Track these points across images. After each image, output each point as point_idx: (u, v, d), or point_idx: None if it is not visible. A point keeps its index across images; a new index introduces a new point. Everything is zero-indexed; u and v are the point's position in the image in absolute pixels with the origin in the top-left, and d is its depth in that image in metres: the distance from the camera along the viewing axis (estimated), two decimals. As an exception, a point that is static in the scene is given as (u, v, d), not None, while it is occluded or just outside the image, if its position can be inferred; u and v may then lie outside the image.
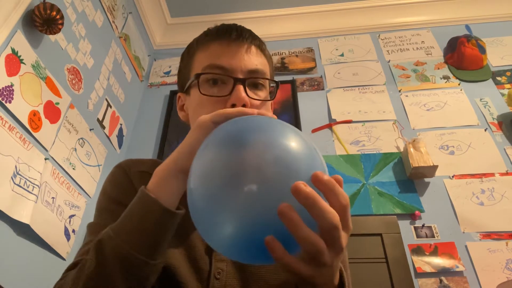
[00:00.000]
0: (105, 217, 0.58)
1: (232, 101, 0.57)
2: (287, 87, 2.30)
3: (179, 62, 0.71)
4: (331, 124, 2.09)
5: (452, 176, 1.82)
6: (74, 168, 1.60)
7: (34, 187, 1.32)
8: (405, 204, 1.74)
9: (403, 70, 2.30)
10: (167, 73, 2.54)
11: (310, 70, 2.39)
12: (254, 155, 0.37)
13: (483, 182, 1.78)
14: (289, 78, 2.36)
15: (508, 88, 2.08)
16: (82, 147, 1.70)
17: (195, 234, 0.58)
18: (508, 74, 2.17)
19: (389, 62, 2.35)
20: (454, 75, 2.22)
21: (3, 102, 1.25)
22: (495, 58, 2.24)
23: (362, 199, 1.78)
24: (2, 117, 1.23)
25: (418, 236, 1.65)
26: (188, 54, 0.68)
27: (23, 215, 1.24)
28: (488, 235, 1.62)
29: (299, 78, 2.35)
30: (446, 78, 2.22)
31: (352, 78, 2.30)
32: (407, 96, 2.16)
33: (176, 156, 0.48)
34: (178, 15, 2.69)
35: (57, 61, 1.59)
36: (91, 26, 1.89)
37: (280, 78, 2.34)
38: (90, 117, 1.81)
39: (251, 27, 0.69)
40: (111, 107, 2.02)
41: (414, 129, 2.02)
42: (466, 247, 1.60)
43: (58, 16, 1.42)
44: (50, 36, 1.53)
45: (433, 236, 1.65)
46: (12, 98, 1.29)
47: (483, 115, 2.01)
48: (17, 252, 1.25)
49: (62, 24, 1.46)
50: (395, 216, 1.70)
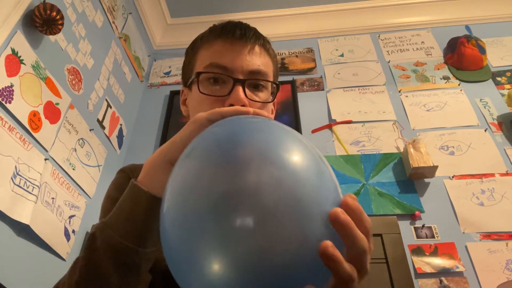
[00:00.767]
0: None
1: (230, 101, 0.57)
2: (287, 87, 2.30)
3: (184, 56, 0.72)
4: (331, 125, 2.09)
5: (452, 177, 1.82)
6: (74, 169, 1.60)
7: (34, 187, 1.32)
8: (405, 204, 1.74)
9: (403, 70, 2.30)
10: (167, 73, 2.54)
11: (310, 70, 2.40)
12: (252, 172, 0.30)
13: (483, 183, 1.78)
14: (289, 78, 2.36)
15: (508, 89, 2.08)
16: (82, 148, 1.70)
17: None
18: (508, 74, 2.17)
19: (389, 62, 2.35)
20: (454, 76, 2.22)
21: (3, 102, 1.25)
22: (495, 59, 2.24)
23: (362, 199, 1.78)
24: (2, 117, 1.23)
25: (418, 237, 1.65)
26: (192, 50, 0.68)
27: (23, 216, 1.24)
28: (488, 236, 1.62)
29: (299, 78, 2.35)
30: (446, 78, 2.22)
31: (352, 79, 2.31)
32: (407, 96, 2.16)
33: (165, 148, 0.47)
34: (178, 16, 2.69)
35: (57, 61, 1.59)
36: (91, 26, 1.89)
37: (280, 79, 2.33)
38: (90, 117, 1.81)
39: (251, 27, 0.69)
40: (111, 107, 2.02)
41: (414, 129, 2.02)
42: (466, 247, 1.60)
43: (58, 17, 1.42)
44: (50, 36, 1.53)
45: (433, 237, 1.65)
46: (12, 99, 1.29)
47: (483, 115, 2.01)
48: (17, 252, 1.25)
49: (62, 24, 1.46)
50: (395, 217, 1.70)
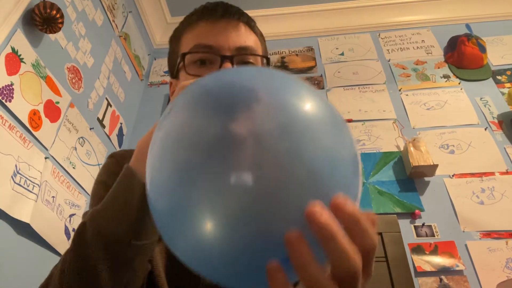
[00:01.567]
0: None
1: None
2: (287, 86, 2.30)
3: (168, 47, 0.68)
4: (331, 123, 2.09)
5: (452, 175, 1.82)
6: (74, 167, 1.60)
7: (34, 186, 1.32)
8: (405, 203, 1.74)
9: (403, 69, 2.29)
10: (167, 72, 2.53)
11: (310, 69, 2.39)
12: (249, 120, 0.25)
13: (483, 181, 1.78)
14: (289, 77, 2.36)
15: (508, 87, 2.08)
16: (82, 146, 1.70)
17: None
18: (508, 73, 2.17)
19: (389, 61, 2.35)
20: (454, 74, 2.21)
21: (3, 101, 1.25)
22: (495, 57, 2.24)
23: (362, 198, 1.76)
24: (2, 116, 1.23)
25: (418, 235, 1.65)
26: (175, 37, 0.65)
27: (23, 214, 1.24)
28: (488, 234, 1.62)
29: (299, 77, 2.35)
30: (446, 77, 2.22)
31: (352, 77, 2.30)
32: (407, 95, 2.16)
33: (156, 124, 0.45)
34: (178, 14, 2.68)
35: (57, 60, 1.59)
36: (91, 25, 1.88)
37: (280, 77, 2.34)
38: (90, 116, 1.81)
39: (251, 26, 0.68)
40: (111, 106, 2.02)
41: (414, 128, 2.02)
42: (466, 246, 1.60)
43: (58, 15, 1.42)
44: (50, 35, 1.52)
45: (433, 235, 1.65)
46: (12, 97, 1.29)
47: (483, 114, 2.01)
48: (17, 251, 1.25)
49: (62, 23, 1.46)
50: (395, 215, 1.70)
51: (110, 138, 1.97)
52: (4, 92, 1.25)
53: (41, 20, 1.40)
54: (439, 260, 1.57)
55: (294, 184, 0.24)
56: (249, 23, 0.62)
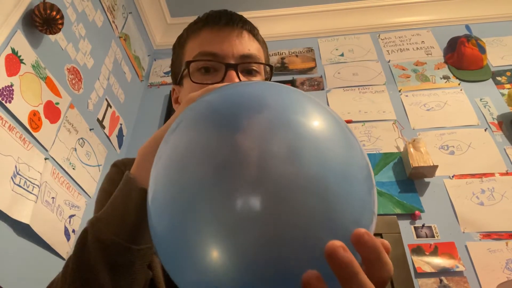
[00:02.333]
0: None
1: None
2: (287, 87, 2.30)
3: (172, 54, 0.69)
4: (331, 124, 2.09)
5: (452, 176, 1.81)
6: (74, 168, 1.60)
7: (34, 187, 1.32)
8: (405, 204, 1.74)
9: (403, 70, 2.29)
10: (167, 73, 2.54)
11: (310, 70, 2.39)
12: (254, 139, 0.24)
13: (483, 182, 1.78)
14: (289, 78, 2.36)
15: (508, 88, 2.08)
16: (82, 147, 1.70)
17: None
18: (508, 74, 2.17)
19: (389, 62, 2.35)
20: (454, 75, 2.21)
21: (3, 102, 1.25)
22: (495, 58, 2.24)
23: (362, 199, 1.78)
24: (2, 117, 1.23)
25: (418, 236, 1.65)
26: (179, 44, 0.66)
27: (23, 215, 1.24)
28: (488, 235, 1.62)
29: (299, 78, 2.35)
30: (446, 78, 2.22)
31: (352, 78, 2.30)
32: (407, 96, 2.16)
33: (158, 134, 0.44)
34: (178, 15, 2.69)
35: (57, 61, 1.59)
36: (91, 26, 1.89)
37: (280, 78, 2.34)
38: (90, 117, 1.81)
39: (251, 27, 0.69)
40: (111, 107, 2.02)
41: (414, 129, 2.02)
42: (466, 247, 1.60)
43: (58, 16, 1.42)
44: (50, 36, 1.52)
45: (433, 236, 1.65)
46: (12, 98, 1.29)
47: (483, 115, 2.01)
48: (17, 252, 1.25)
49: (62, 24, 1.46)
50: (395, 216, 1.70)
51: (110, 139, 1.97)
52: (4, 93, 1.25)
53: (41, 21, 1.40)
54: (439, 261, 1.57)
55: (308, 215, 0.23)
56: (252, 31, 0.63)
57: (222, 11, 0.63)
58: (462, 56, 2.20)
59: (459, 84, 2.17)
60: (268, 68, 0.65)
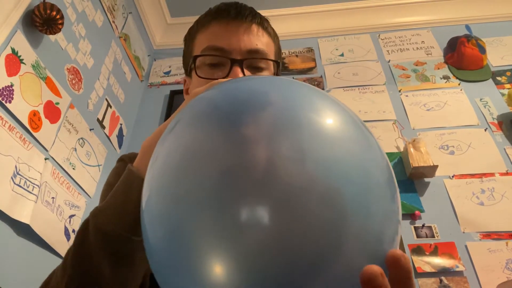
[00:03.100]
0: None
1: None
2: (287, 87, 2.30)
3: (183, 46, 0.70)
4: (331, 124, 2.09)
5: (452, 176, 1.81)
6: (74, 168, 1.60)
7: (34, 187, 1.32)
8: (405, 204, 1.74)
9: (403, 70, 2.30)
10: (167, 73, 2.54)
11: (310, 70, 2.39)
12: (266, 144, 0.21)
13: (483, 182, 1.78)
14: (289, 78, 2.36)
15: (508, 88, 2.08)
16: (82, 147, 1.70)
17: None
18: (508, 74, 2.17)
19: (389, 62, 2.35)
20: (454, 75, 2.21)
21: (3, 102, 1.25)
22: (495, 58, 2.24)
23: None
24: (2, 117, 1.23)
25: (418, 236, 1.65)
26: (190, 36, 0.67)
27: (23, 215, 1.24)
28: (488, 235, 1.62)
29: (299, 78, 2.35)
30: (446, 78, 2.22)
31: (352, 78, 2.30)
32: (407, 96, 2.16)
33: (163, 127, 0.44)
34: (178, 15, 2.68)
35: (57, 61, 1.59)
36: (91, 26, 1.89)
37: (280, 78, 2.34)
38: (90, 117, 1.81)
39: (251, 27, 0.68)
40: (111, 107, 2.02)
41: (414, 129, 2.02)
42: (466, 247, 1.60)
43: (58, 16, 1.42)
44: (50, 36, 1.52)
45: (433, 236, 1.65)
46: (12, 98, 1.29)
47: (483, 115, 2.01)
48: (17, 252, 1.25)
49: (62, 24, 1.46)
50: (395, 216, 1.70)
51: (110, 139, 1.97)
52: (4, 93, 1.26)
53: (41, 21, 1.40)
54: (439, 261, 1.57)
55: (324, 229, 0.20)
56: (262, 23, 0.62)
57: (232, 4, 0.62)
58: (462, 56, 2.20)
59: (459, 84, 2.17)
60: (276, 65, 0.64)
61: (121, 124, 2.12)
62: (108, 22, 2.07)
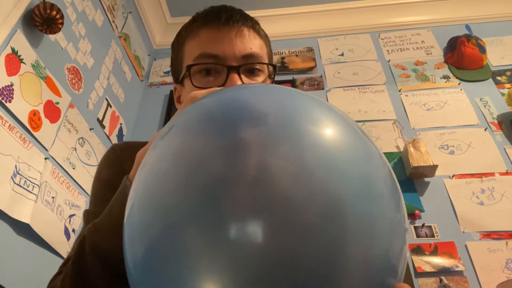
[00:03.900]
0: (99, 205, 0.54)
1: None
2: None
3: (171, 52, 0.67)
4: (331, 124, 2.09)
5: (452, 176, 1.81)
6: (74, 168, 1.60)
7: (34, 186, 1.32)
8: (405, 203, 1.74)
9: (403, 69, 2.29)
10: (167, 72, 2.54)
11: (310, 69, 2.39)
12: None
13: (483, 182, 1.78)
14: (289, 77, 2.36)
15: (508, 88, 2.08)
16: (82, 147, 1.70)
17: None
18: (508, 73, 2.17)
19: (389, 61, 2.35)
20: (454, 75, 2.21)
21: (3, 101, 1.25)
22: (495, 58, 2.24)
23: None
24: (2, 116, 1.23)
25: (418, 236, 1.65)
26: (178, 43, 0.64)
27: (23, 215, 1.24)
28: (488, 235, 1.62)
29: (299, 77, 2.35)
30: (446, 77, 2.22)
31: (352, 78, 2.30)
32: (407, 95, 2.16)
33: (156, 135, 0.45)
34: (178, 15, 2.68)
35: (57, 60, 1.59)
36: (91, 25, 1.89)
37: (280, 78, 2.34)
38: (90, 116, 1.81)
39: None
40: (111, 106, 2.02)
41: (414, 128, 2.02)
42: (466, 246, 1.60)
43: (58, 16, 1.42)
44: (50, 35, 1.52)
45: (433, 236, 1.65)
46: (12, 98, 1.29)
47: (483, 114, 2.01)
48: (17, 251, 1.25)
49: (62, 23, 1.46)
50: (395, 216, 1.70)
51: (110, 138, 1.97)
52: (4, 92, 1.25)
53: (41, 21, 1.40)
54: (439, 261, 1.57)
55: (325, 250, 0.18)
56: (253, 26, 0.61)
57: (221, 8, 0.60)
58: (462, 56, 2.20)
59: (459, 84, 2.17)
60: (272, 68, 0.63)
61: (121, 124, 2.12)
62: (108, 21, 2.06)
